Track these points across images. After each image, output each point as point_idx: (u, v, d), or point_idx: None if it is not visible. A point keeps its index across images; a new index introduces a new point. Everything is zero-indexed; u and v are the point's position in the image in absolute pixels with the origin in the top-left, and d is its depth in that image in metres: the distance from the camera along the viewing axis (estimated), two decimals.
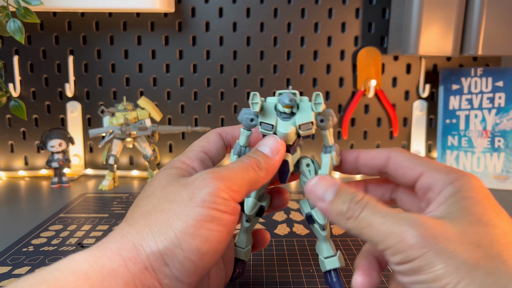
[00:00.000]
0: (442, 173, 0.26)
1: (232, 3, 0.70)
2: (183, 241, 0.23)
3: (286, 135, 0.29)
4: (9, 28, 0.55)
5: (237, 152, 0.31)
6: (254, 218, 0.33)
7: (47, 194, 0.64)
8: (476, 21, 0.61)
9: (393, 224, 0.22)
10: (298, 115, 0.30)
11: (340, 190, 0.25)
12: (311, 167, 0.31)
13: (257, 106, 0.29)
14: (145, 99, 0.65)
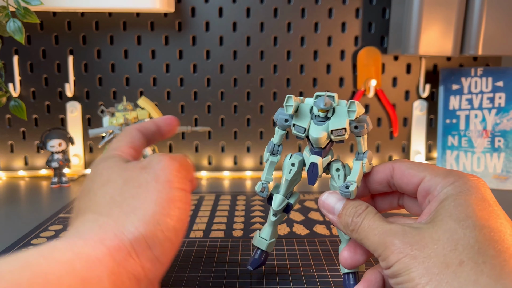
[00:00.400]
0: (441, 176, 0.27)
1: (232, 3, 0.70)
2: (162, 222, 0.24)
3: (317, 139, 0.30)
4: (9, 28, 0.55)
5: (270, 149, 0.33)
6: (280, 213, 0.35)
7: (47, 194, 0.64)
8: (476, 21, 0.61)
9: (381, 235, 0.25)
10: (332, 120, 0.30)
11: (347, 204, 0.29)
12: (341, 172, 0.32)
13: (291, 108, 0.30)
14: (145, 99, 0.65)
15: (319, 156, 0.31)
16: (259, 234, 0.35)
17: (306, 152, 0.32)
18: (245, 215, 0.53)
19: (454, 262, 0.22)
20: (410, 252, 0.23)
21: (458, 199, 0.25)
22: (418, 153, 0.75)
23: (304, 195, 0.62)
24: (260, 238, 0.35)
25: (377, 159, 0.77)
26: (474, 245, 0.22)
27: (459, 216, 0.24)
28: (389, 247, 0.24)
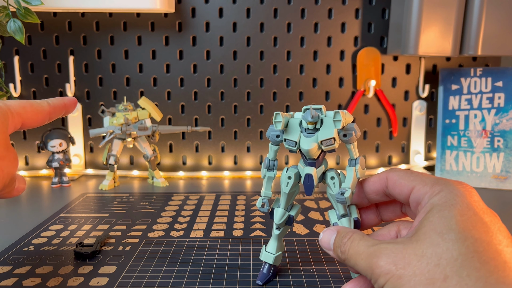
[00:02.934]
0: (428, 186, 0.27)
1: (232, 4, 0.70)
2: None
3: (308, 151, 0.31)
4: (9, 28, 0.55)
5: (266, 165, 0.34)
6: (283, 226, 0.35)
7: (47, 194, 0.64)
8: (475, 21, 0.61)
9: (366, 259, 0.26)
10: (321, 130, 0.31)
11: (336, 236, 0.29)
12: (335, 180, 0.32)
13: (279, 124, 0.31)
14: (145, 99, 0.66)
15: (313, 167, 0.32)
16: (265, 248, 0.36)
17: (301, 164, 0.33)
18: (245, 215, 0.54)
19: (438, 277, 0.22)
20: (395, 272, 0.23)
21: (442, 210, 0.24)
22: (418, 153, 0.75)
23: (304, 195, 0.62)
24: (266, 253, 0.36)
25: (377, 159, 0.77)
26: (457, 258, 0.22)
27: (442, 229, 0.23)
28: (375, 270, 0.24)
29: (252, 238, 0.46)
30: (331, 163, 0.76)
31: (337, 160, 0.76)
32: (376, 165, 0.77)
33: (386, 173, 0.31)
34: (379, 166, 0.76)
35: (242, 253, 0.42)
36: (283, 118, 0.32)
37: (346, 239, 0.28)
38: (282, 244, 0.37)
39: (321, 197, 0.61)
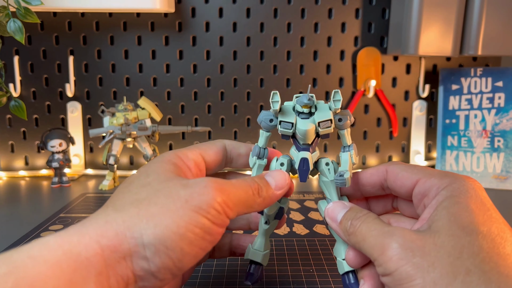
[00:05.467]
0: (436, 178, 0.26)
1: (232, 3, 0.70)
2: (169, 240, 0.23)
3: (305, 131, 0.30)
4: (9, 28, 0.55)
5: (256, 153, 0.32)
6: (273, 220, 0.34)
7: (47, 194, 0.64)
8: (476, 21, 0.61)
9: (378, 236, 0.24)
10: (317, 114, 0.30)
11: (348, 210, 0.28)
12: (330, 166, 0.32)
13: (277, 104, 0.30)
14: (145, 99, 0.65)
15: (307, 152, 0.31)
16: (252, 246, 0.34)
17: (294, 150, 0.32)
18: None
19: (461, 271, 0.21)
20: (412, 259, 0.22)
21: (458, 202, 0.24)
22: (418, 153, 0.75)
23: (304, 195, 0.62)
24: (254, 250, 0.34)
25: (377, 159, 0.77)
26: (479, 252, 0.21)
27: (461, 222, 0.23)
28: (387, 251, 0.23)
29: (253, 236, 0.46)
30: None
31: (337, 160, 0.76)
32: (376, 165, 0.76)
33: (385, 166, 0.30)
34: None
35: None
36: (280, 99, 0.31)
37: (362, 214, 0.27)
38: (269, 243, 0.35)
39: (321, 197, 0.61)
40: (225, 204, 0.25)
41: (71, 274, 0.20)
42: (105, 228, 0.23)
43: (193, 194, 0.24)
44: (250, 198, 0.27)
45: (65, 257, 0.21)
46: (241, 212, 0.27)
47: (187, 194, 0.24)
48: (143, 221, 0.23)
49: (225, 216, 0.25)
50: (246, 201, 0.27)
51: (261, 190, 0.28)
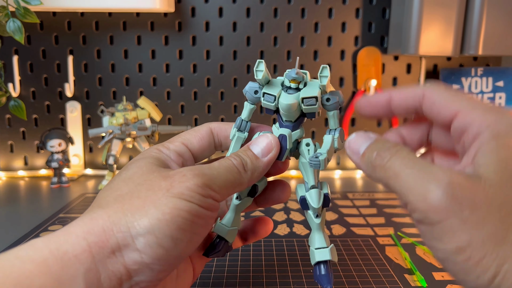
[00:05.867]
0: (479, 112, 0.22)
1: (232, 3, 0.70)
2: (157, 228, 0.23)
3: (287, 106, 0.28)
4: (8, 28, 0.55)
5: (237, 125, 0.30)
6: (245, 197, 0.31)
7: (46, 194, 0.63)
8: (476, 21, 0.61)
9: (418, 177, 0.20)
10: (303, 90, 0.28)
11: (375, 141, 0.25)
12: (311, 146, 0.29)
13: (261, 74, 0.29)
14: (145, 99, 0.65)
15: (288, 129, 0.29)
16: (220, 220, 0.32)
17: (275, 127, 0.30)
18: (245, 214, 0.53)
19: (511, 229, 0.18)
20: (460, 212, 0.18)
21: (507, 146, 0.20)
22: (419, 153, 0.75)
23: None
24: (220, 224, 0.32)
25: None
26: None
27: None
28: (430, 198, 0.19)
29: None
30: (331, 163, 0.76)
31: (337, 160, 0.76)
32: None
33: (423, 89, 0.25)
34: None
35: (241, 253, 0.42)
36: (266, 70, 0.29)
37: (392, 145, 0.23)
38: (239, 220, 0.32)
39: None
40: (208, 188, 0.25)
41: (59, 272, 0.20)
42: (91, 225, 0.22)
43: (173, 183, 0.24)
44: (236, 176, 0.27)
45: (52, 256, 0.21)
46: (231, 192, 0.27)
47: (167, 184, 0.24)
48: (128, 215, 0.23)
49: (211, 199, 0.25)
50: (233, 180, 0.26)
51: (246, 164, 0.27)
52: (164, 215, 0.23)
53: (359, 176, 0.73)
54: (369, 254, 0.42)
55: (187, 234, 0.24)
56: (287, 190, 0.32)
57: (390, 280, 0.37)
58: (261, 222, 0.34)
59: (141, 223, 0.23)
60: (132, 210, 0.23)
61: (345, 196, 0.61)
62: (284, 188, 0.32)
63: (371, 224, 0.50)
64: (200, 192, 0.24)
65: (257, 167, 0.28)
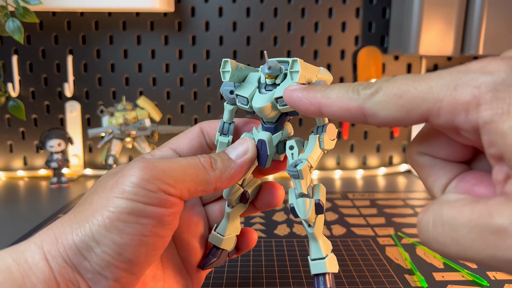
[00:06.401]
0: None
1: (232, 3, 0.70)
2: (98, 234, 0.21)
3: (260, 109, 0.25)
4: (8, 28, 0.55)
5: (219, 129, 0.28)
6: (237, 204, 0.29)
7: (46, 194, 0.63)
8: (477, 21, 0.60)
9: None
10: (280, 86, 0.25)
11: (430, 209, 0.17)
12: (295, 150, 0.26)
13: (228, 75, 0.25)
14: (145, 99, 0.65)
15: (268, 132, 0.26)
16: (215, 228, 0.30)
17: (255, 130, 0.27)
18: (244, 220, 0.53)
19: None
20: None
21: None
22: None
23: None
24: (214, 233, 0.30)
25: (378, 159, 0.76)
26: None
27: None
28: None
29: None
30: (331, 163, 0.76)
31: (337, 160, 0.76)
32: (377, 165, 0.76)
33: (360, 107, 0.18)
34: (380, 166, 0.76)
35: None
36: (235, 68, 0.25)
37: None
38: (237, 225, 0.30)
39: None
40: (159, 181, 0.22)
41: (21, 279, 0.21)
42: (47, 234, 0.22)
43: (118, 179, 0.23)
44: (200, 171, 0.24)
45: (14, 264, 0.21)
46: (192, 188, 0.24)
47: (113, 181, 0.23)
48: (74, 222, 0.22)
49: (161, 193, 0.23)
50: (195, 175, 0.24)
51: (215, 162, 0.25)
52: (105, 219, 0.22)
53: (359, 176, 0.73)
54: (369, 255, 0.42)
55: (133, 237, 0.22)
56: (276, 194, 0.30)
57: (391, 280, 0.37)
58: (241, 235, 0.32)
59: (83, 231, 0.22)
60: (78, 217, 0.22)
61: (345, 196, 0.61)
62: (273, 191, 0.30)
63: (371, 224, 0.50)
64: (146, 187, 0.22)
65: (227, 167, 0.25)
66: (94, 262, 0.22)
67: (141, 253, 0.22)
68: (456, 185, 0.19)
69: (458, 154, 0.20)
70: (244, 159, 0.26)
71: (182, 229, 0.29)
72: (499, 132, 0.15)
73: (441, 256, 0.16)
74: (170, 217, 0.23)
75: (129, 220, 0.22)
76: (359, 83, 0.19)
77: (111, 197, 0.22)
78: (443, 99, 0.16)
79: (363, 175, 0.73)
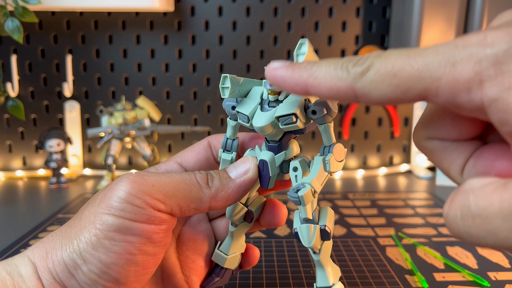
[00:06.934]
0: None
1: (231, 2, 0.70)
2: (85, 252, 0.21)
3: (261, 129, 0.24)
4: (7, 28, 0.55)
5: (223, 145, 0.27)
6: (240, 223, 0.28)
7: (45, 195, 0.63)
8: (477, 20, 0.60)
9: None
10: (282, 104, 0.23)
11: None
12: (298, 171, 0.24)
13: (227, 91, 0.24)
14: (144, 98, 0.65)
15: (271, 152, 0.25)
16: (218, 247, 0.29)
17: (258, 149, 0.26)
18: None
19: None
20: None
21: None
22: (419, 153, 0.75)
23: None
24: (218, 252, 0.29)
25: (378, 159, 0.76)
26: None
27: None
28: None
29: (252, 239, 0.45)
30: None
31: None
32: (377, 165, 0.76)
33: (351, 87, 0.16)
34: (380, 166, 0.76)
35: None
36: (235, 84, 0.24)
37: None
38: (241, 244, 0.29)
39: (321, 197, 0.60)
40: (148, 196, 0.21)
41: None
42: (39, 248, 0.22)
43: (107, 193, 0.22)
44: (194, 189, 0.23)
45: (9, 277, 0.21)
46: (183, 205, 0.23)
47: (101, 195, 0.22)
48: (64, 238, 0.22)
49: (149, 209, 0.21)
50: (188, 191, 0.23)
51: (212, 179, 0.24)
52: (92, 237, 0.21)
53: (360, 176, 0.73)
54: (370, 255, 0.42)
55: (120, 256, 0.21)
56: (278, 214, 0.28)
57: (391, 281, 0.37)
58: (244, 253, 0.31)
59: (71, 248, 0.21)
60: (68, 233, 0.22)
61: (345, 197, 0.61)
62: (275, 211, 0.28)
63: (372, 224, 0.50)
64: (134, 202, 0.21)
65: (225, 186, 0.24)
66: (81, 280, 0.21)
67: (129, 272, 0.22)
68: (475, 164, 0.17)
69: (468, 131, 0.18)
70: (243, 179, 0.24)
71: (187, 246, 0.29)
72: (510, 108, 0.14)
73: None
74: (160, 234, 0.22)
75: (116, 238, 0.21)
76: (349, 59, 0.17)
77: (98, 212, 0.22)
78: (442, 77, 0.15)
79: (364, 175, 0.73)
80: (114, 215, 0.21)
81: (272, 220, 0.28)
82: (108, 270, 0.21)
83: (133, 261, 0.21)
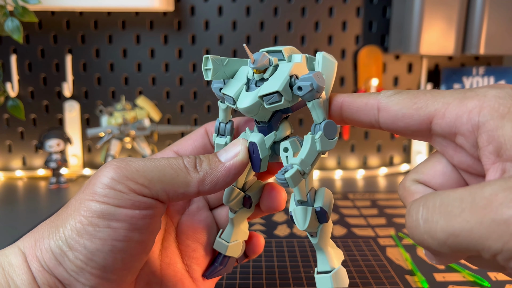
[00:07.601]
0: (456, 102, 0.19)
1: (231, 2, 0.70)
2: (70, 239, 0.21)
3: (245, 109, 0.22)
4: (7, 27, 0.55)
5: (216, 129, 0.26)
6: (239, 209, 0.28)
7: (45, 195, 0.63)
8: (478, 20, 0.60)
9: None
10: (267, 82, 0.22)
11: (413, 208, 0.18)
12: (289, 152, 0.23)
13: (209, 73, 0.23)
14: (144, 98, 0.65)
15: (261, 134, 0.24)
16: (219, 235, 0.29)
17: (248, 131, 0.25)
18: None
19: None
20: None
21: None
22: (420, 153, 0.75)
23: None
24: (219, 240, 0.28)
25: (379, 159, 0.76)
26: None
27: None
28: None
29: None
30: (331, 164, 0.76)
31: (338, 160, 0.76)
32: (377, 165, 0.76)
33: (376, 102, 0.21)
34: (381, 166, 0.76)
35: None
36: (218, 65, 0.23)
37: None
38: (243, 231, 0.28)
39: None
40: (131, 181, 0.21)
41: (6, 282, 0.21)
42: (28, 238, 0.22)
43: (91, 180, 0.22)
44: (181, 172, 0.22)
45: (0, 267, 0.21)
46: (170, 190, 0.22)
47: (87, 183, 0.22)
48: (52, 226, 0.22)
49: (133, 194, 0.21)
50: (174, 176, 0.22)
51: (201, 163, 0.23)
52: (76, 224, 0.21)
53: (360, 176, 0.73)
54: (370, 255, 0.42)
55: (104, 243, 0.21)
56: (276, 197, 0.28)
57: (391, 281, 0.37)
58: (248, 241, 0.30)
59: (57, 236, 0.21)
60: (56, 221, 0.22)
61: (345, 197, 0.61)
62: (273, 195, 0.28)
63: (372, 224, 0.50)
64: (116, 187, 0.21)
65: (214, 170, 0.23)
66: (68, 267, 0.21)
67: (116, 260, 0.21)
68: None
69: (452, 182, 0.22)
70: (233, 162, 0.23)
71: (187, 235, 0.28)
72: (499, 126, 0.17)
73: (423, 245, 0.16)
74: (146, 220, 0.22)
75: (100, 224, 0.21)
76: None
77: (83, 199, 0.22)
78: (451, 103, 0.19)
79: (364, 175, 0.73)
80: (98, 201, 0.21)
81: (270, 204, 0.28)
82: (94, 257, 0.21)
83: (118, 247, 0.21)
